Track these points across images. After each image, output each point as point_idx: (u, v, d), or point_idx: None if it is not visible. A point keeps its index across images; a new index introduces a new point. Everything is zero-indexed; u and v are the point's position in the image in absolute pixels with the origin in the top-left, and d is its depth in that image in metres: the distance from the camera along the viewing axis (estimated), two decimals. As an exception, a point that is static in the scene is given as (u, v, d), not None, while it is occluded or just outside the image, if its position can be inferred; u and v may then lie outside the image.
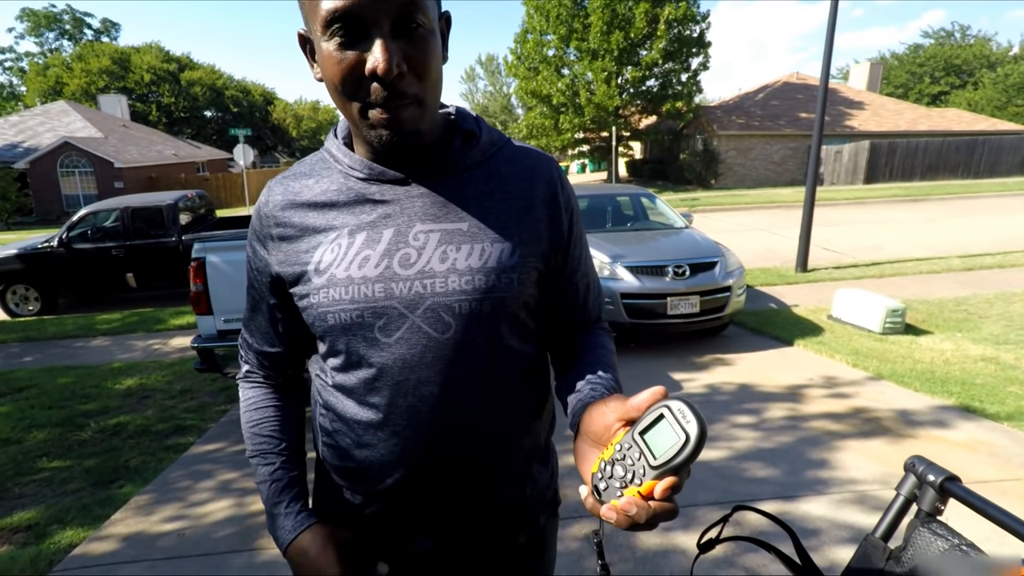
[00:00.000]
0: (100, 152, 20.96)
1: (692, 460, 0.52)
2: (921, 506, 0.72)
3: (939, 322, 5.37)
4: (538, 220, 0.78)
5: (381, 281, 0.72)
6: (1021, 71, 35.14)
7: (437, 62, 0.68)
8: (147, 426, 3.80)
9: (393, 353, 0.73)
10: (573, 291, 0.86)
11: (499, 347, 0.76)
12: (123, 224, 7.16)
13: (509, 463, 0.82)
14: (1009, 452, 2.97)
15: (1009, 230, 10.45)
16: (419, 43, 0.65)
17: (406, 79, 0.65)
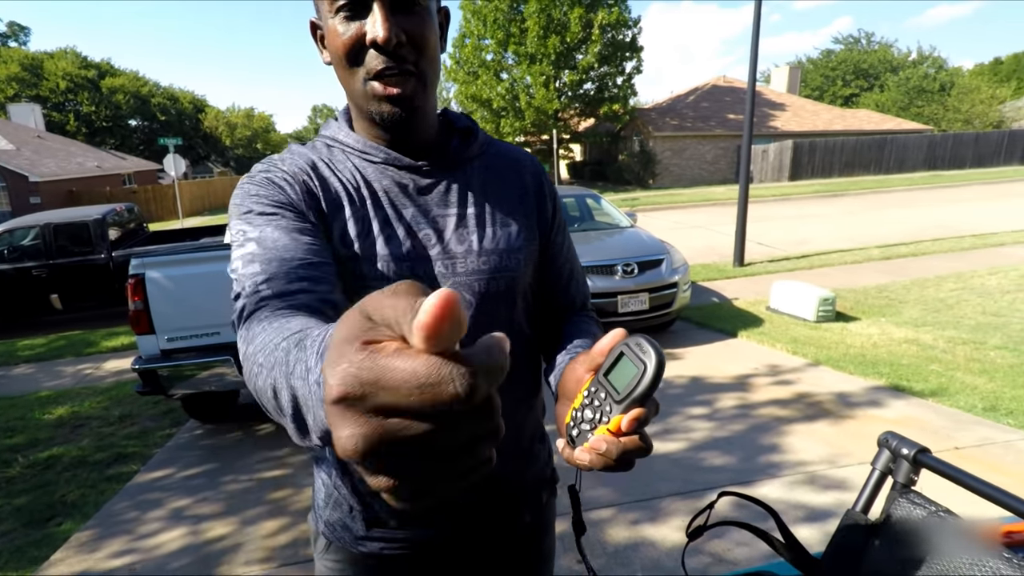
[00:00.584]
0: (12, 166, 19.37)
1: (653, 388, 0.54)
2: (897, 478, 0.79)
3: (865, 308, 5.76)
4: (530, 207, 0.86)
5: (408, 260, 0.75)
6: (920, 75, 38.21)
7: (435, 40, 0.71)
8: (83, 457, 3.56)
9: None
10: (556, 274, 0.91)
11: (510, 325, 0.81)
12: (44, 242, 6.64)
13: (516, 440, 0.86)
14: (936, 425, 3.23)
15: (918, 221, 11.34)
16: (417, 17, 0.68)
17: (405, 49, 0.68)
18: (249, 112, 49.22)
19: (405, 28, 0.67)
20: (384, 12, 0.65)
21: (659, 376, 0.54)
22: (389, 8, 0.66)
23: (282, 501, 2.88)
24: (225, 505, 2.88)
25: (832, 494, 2.62)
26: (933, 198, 15.53)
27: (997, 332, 4.79)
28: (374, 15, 0.66)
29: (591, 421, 0.58)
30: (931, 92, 36.05)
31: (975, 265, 7.32)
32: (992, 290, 6.17)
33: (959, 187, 18.18)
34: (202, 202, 26.61)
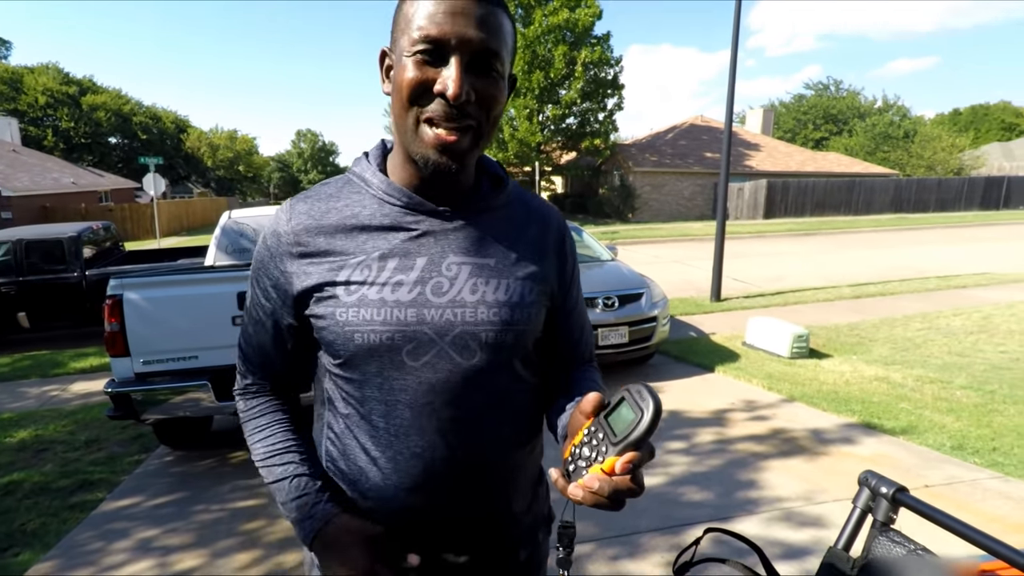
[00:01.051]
0: (-18, 178, 18.94)
1: (648, 434, 0.57)
2: (876, 516, 0.83)
3: (837, 346, 5.91)
4: (549, 264, 0.87)
5: (414, 306, 0.76)
6: (885, 122, 39.99)
7: (502, 104, 0.73)
8: (46, 483, 3.42)
9: (419, 377, 0.76)
10: (569, 329, 0.93)
11: (514, 375, 0.83)
12: (15, 258, 6.47)
13: (515, 482, 0.88)
14: (907, 463, 3.31)
15: (886, 262, 11.74)
16: (490, 80, 0.71)
17: (471, 107, 0.70)
18: (232, 134, 48.99)
19: (476, 87, 0.69)
20: (460, 69, 0.68)
21: (655, 423, 0.57)
22: (466, 66, 0.68)
23: (255, 532, 2.81)
24: (195, 536, 2.80)
25: (809, 531, 2.65)
26: (899, 239, 16.12)
27: (962, 372, 4.95)
28: (450, 68, 0.68)
29: (587, 459, 0.61)
30: (896, 138, 37.70)
31: (940, 306, 7.59)
32: (957, 330, 6.39)
33: (923, 229, 18.91)
34: (180, 222, 26.23)
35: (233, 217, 4.81)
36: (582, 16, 20.94)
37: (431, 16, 0.67)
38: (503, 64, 0.71)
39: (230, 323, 3.26)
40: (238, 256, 4.67)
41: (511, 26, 0.73)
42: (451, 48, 0.68)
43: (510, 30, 0.73)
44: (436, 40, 0.68)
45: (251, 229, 4.77)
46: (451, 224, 0.80)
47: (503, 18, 0.71)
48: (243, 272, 3.41)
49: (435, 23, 0.67)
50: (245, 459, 3.68)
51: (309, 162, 68.40)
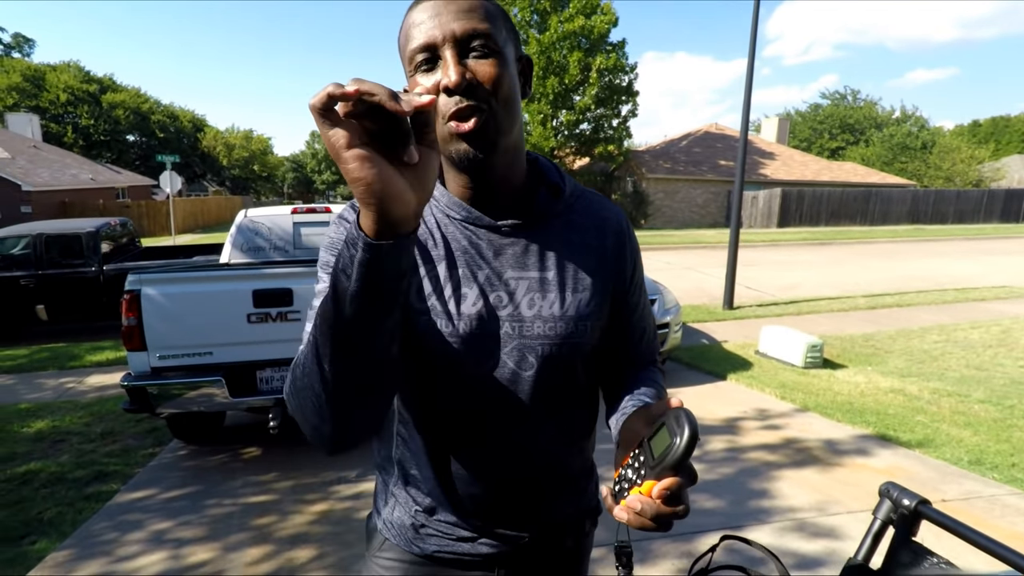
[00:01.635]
0: (5, 173, 19.25)
1: (683, 459, 0.57)
2: (898, 528, 0.82)
3: (852, 356, 5.85)
4: (609, 270, 0.86)
5: (478, 319, 0.79)
6: (903, 132, 39.61)
7: (509, 82, 0.73)
8: (62, 473, 3.47)
9: (478, 384, 0.80)
10: (631, 333, 0.92)
11: (569, 383, 0.85)
12: (35, 252, 6.59)
13: (565, 476, 0.91)
14: (923, 477, 3.26)
15: (902, 272, 11.60)
16: (488, 61, 0.71)
17: (477, 90, 0.70)
18: (248, 134, 49.58)
19: (476, 69, 0.71)
20: (455, 58, 0.69)
21: (690, 449, 0.58)
22: (459, 54, 0.70)
23: (267, 528, 2.83)
24: (208, 530, 2.82)
25: (822, 542, 2.62)
26: (916, 250, 15.93)
27: (980, 386, 4.88)
28: (446, 63, 0.70)
29: (631, 481, 0.63)
30: (914, 149, 37.30)
31: (958, 318, 7.48)
32: (975, 344, 6.29)
33: (941, 241, 18.67)
34: (195, 219, 26.55)
35: (249, 216, 4.87)
36: (598, 23, 20.95)
37: (418, 28, 0.71)
38: (496, 42, 0.72)
39: (244, 320, 3.29)
40: (253, 254, 4.72)
41: (496, 7, 0.75)
42: (441, 45, 0.70)
43: (496, 11, 0.74)
44: (428, 46, 0.71)
45: (266, 228, 4.82)
46: (509, 239, 0.82)
47: (482, 4, 0.73)
48: (258, 270, 3.44)
49: (423, 32, 0.71)
50: (257, 455, 3.71)
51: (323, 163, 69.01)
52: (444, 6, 0.71)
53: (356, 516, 2.93)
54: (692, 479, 0.61)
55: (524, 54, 0.80)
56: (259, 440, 3.92)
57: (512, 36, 0.77)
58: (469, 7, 0.71)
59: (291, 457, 3.64)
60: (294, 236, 4.84)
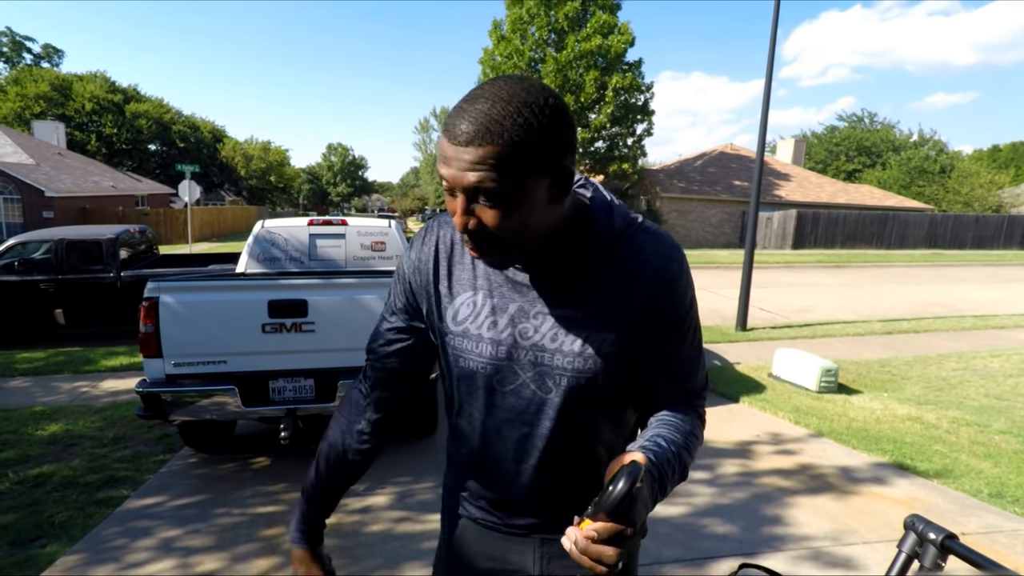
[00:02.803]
0: (30, 179, 19.71)
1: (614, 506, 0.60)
2: (923, 563, 0.80)
3: (867, 382, 5.75)
4: (638, 315, 0.85)
5: (505, 345, 0.89)
6: (921, 156, 39.34)
7: (514, 220, 0.75)
8: (74, 477, 3.49)
9: (504, 400, 0.91)
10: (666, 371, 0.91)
11: (588, 411, 0.90)
12: (56, 257, 6.72)
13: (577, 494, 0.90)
14: (942, 509, 3.19)
15: (920, 298, 11.44)
16: (490, 209, 0.74)
17: (481, 232, 0.77)
18: (266, 145, 50.40)
19: (481, 215, 0.75)
20: (462, 205, 0.75)
21: (620, 500, 0.60)
22: (468, 199, 0.74)
23: (275, 539, 2.82)
24: (216, 539, 2.82)
25: (837, 572, 2.56)
26: (934, 275, 15.72)
27: (1001, 416, 4.77)
28: (456, 204, 0.75)
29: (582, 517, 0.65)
30: (932, 173, 36.99)
31: (976, 346, 7.35)
32: (995, 372, 6.17)
33: (959, 267, 18.42)
34: (211, 228, 26.93)
35: (266, 227, 4.93)
36: (615, 43, 21.16)
37: (440, 158, 0.76)
38: (505, 188, 0.72)
39: (259, 331, 3.31)
40: (269, 265, 4.77)
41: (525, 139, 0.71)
42: (454, 188, 0.75)
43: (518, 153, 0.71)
44: (443, 179, 0.76)
45: (283, 239, 4.87)
46: (541, 279, 0.88)
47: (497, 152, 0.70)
48: (274, 281, 3.47)
49: (441, 164, 0.75)
50: (267, 465, 3.72)
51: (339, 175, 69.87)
52: (455, 155, 0.72)
53: (365, 530, 2.91)
54: (633, 530, 0.63)
55: (564, 166, 0.76)
56: (269, 450, 3.92)
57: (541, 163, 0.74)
58: (480, 159, 0.70)
59: (301, 468, 3.64)
60: (309, 248, 4.89)
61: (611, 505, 0.61)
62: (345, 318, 3.37)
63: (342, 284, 3.44)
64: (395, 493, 3.30)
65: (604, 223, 0.86)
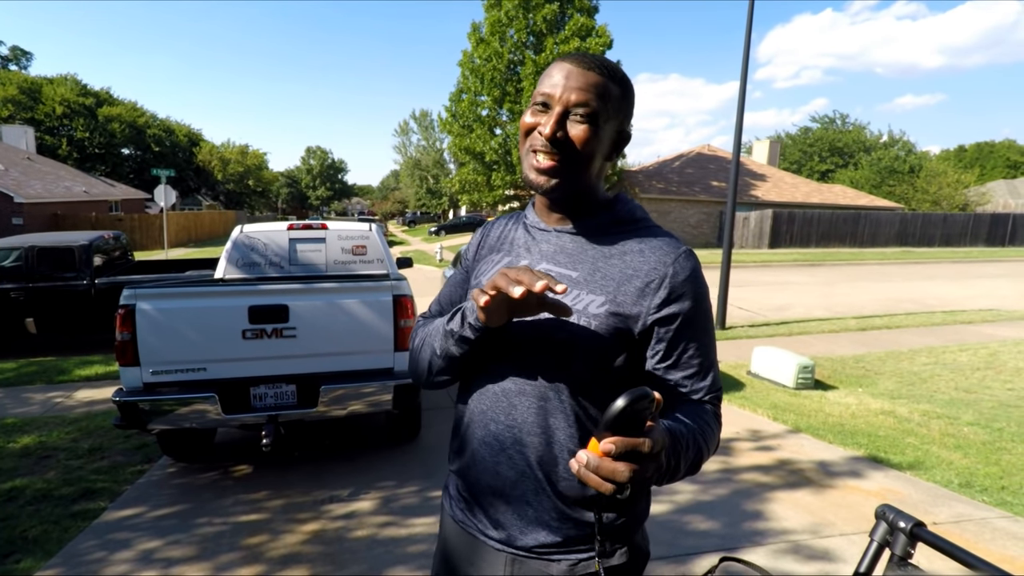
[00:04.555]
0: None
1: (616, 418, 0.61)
2: (894, 551, 0.84)
3: (842, 378, 5.89)
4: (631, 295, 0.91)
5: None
6: (891, 156, 40.34)
7: (592, 144, 0.91)
8: (49, 490, 3.41)
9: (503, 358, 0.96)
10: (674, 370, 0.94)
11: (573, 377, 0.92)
12: (26, 264, 6.55)
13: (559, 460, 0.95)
14: (915, 499, 3.28)
15: (892, 295, 11.73)
16: (580, 127, 0.90)
17: (560, 142, 0.90)
18: (243, 149, 49.63)
19: (570, 129, 0.90)
20: (557, 117, 0.89)
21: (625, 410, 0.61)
22: (562, 114, 0.89)
23: (258, 547, 2.79)
24: (198, 549, 2.78)
25: (817, 564, 2.62)
26: (905, 273, 16.13)
27: (969, 408, 4.92)
28: (551, 116, 0.89)
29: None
30: (901, 173, 37.91)
31: (946, 341, 7.57)
32: (963, 366, 6.36)
33: (929, 264, 18.92)
34: (188, 233, 26.46)
35: (245, 231, 4.87)
36: (593, 45, 21.29)
37: (549, 79, 0.92)
38: (597, 115, 0.90)
39: (239, 337, 3.28)
40: (248, 270, 4.71)
41: (619, 89, 0.92)
42: (554, 102, 0.90)
43: (615, 91, 0.91)
44: (548, 96, 0.91)
45: (262, 244, 4.82)
46: (554, 238, 1.00)
47: (605, 84, 0.90)
48: (254, 286, 3.44)
49: (549, 86, 0.91)
50: (248, 472, 3.67)
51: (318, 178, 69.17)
52: (575, 75, 0.90)
53: (349, 536, 2.90)
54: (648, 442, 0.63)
55: (627, 131, 0.98)
56: (250, 458, 3.88)
57: (620, 112, 0.94)
58: (591, 83, 0.89)
59: (283, 475, 3.60)
60: (290, 252, 4.84)
61: (610, 418, 0.60)
62: (327, 323, 3.35)
63: (323, 289, 3.42)
64: (379, 498, 3.29)
65: (628, 206, 1.02)
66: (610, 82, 0.91)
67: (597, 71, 0.90)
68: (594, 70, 0.90)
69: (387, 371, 3.49)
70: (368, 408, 3.46)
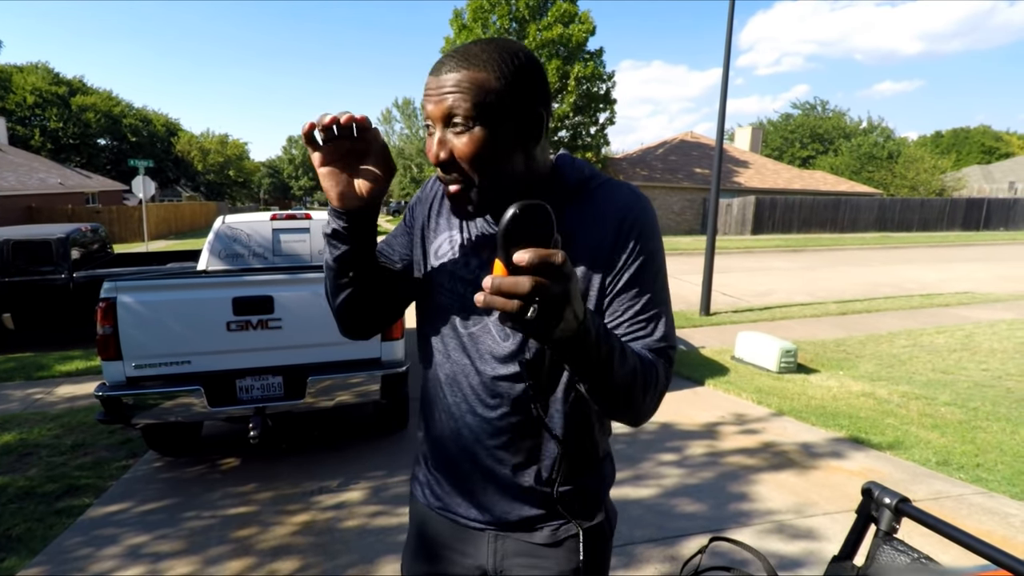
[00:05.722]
0: (-35, 177, 18.65)
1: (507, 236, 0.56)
2: (880, 526, 0.86)
3: (824, 361, 5.99)
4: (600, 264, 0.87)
5: (471, 286, 0.92)
6: (870, 143, 40.81)
7: (484, 151, 0.80)
8: (31, 487, 3.37)
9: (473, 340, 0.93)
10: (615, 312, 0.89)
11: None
12: (1, 258, 6.38)
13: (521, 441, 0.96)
14: (895, 478, 3.36)
15: (871, 279, 11.93)
16: (461, 136, 0.80)
17: (451, 163, 0.81)
18: (223, 138, 48.78)
19: (453, 145, 0.80)
20: (437, 139, 0.81)
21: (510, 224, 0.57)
22: (441, 131, 0.81)
23: (248, 540, 2.78)
24: (186, 543, 2.77)
25: (801, 543, 2.68)
26: (884, 257, 16.40)
27: (946, 389, 5.05)
28: (432, 138, 0.82)
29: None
30: (880, 159, 38.42)
31: (924, 323, 7.73)
32: (940, 348, 6.51)
33: (907, 248, 19.26)
34: (168, 225, 26.00)
35: (227, 222, 4.80)
36: (576, 32, 21.21)
37: (424, 98, 0.83)
38: (477, 116, 0.78)
39: (224, 329, 3.24)
40: (231, 261, 4.65)
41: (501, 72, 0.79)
42: (432, 121, 0.82)
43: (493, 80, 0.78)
44: (426, 117, 0.83)
45: (245, 235, 4.76)
46: None
47: (475, 77, 0.78)
48: (238, 278, 3.40)
49: (423, 101, 0.83)
50: (236, 465, 3.65)
51: (300, 168, 68.26)
52: (434, 84, 0.80)
53: (339, 526, 2.90)
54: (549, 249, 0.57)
55: (538, 111, 0.83)
56: (238, 450, 3.86)
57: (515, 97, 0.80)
58: (455, 83, 0.78)
59: (271, 467, 3.59)
60: (273, 243, 4.79)
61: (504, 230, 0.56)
62: (312, 313, 3.33)
63: (309, 279, 3.38)
64: (369, 488, 3.30)
65: (570, 171, 0.92)
66: (483, 71, 0.78)
67: (461, 67, 0.78)
68: (457, 68, 0.78)
69: (375, 361, 3.48)
70: (356, 399, 3.45)
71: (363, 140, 0.82)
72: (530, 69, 0.81)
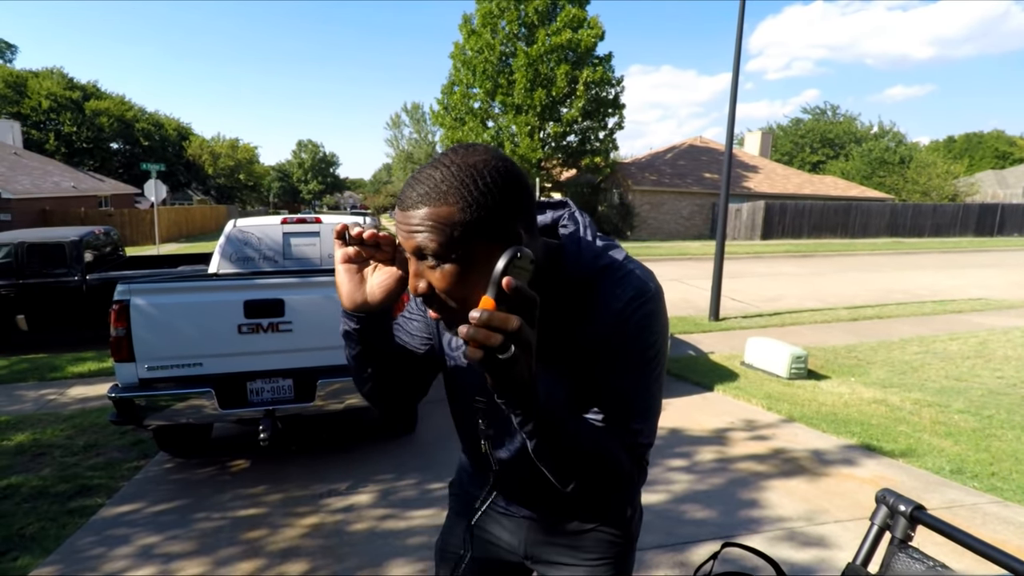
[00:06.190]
0: (-17, 181, 18.91)
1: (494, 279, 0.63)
2: (895, 534, 0.85)
3: (835, 368, 5.95)
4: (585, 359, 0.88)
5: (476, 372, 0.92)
6: (881, 147, 40.49)
7: (459, 281, 0.77)
8: (44, 487, 3.40)
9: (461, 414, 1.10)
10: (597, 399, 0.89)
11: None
12: (16, 260, 6.48)
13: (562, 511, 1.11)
14: (908, 486, 3.33)
15: (882, 285, 11.83)
16: (434, 270, 0.77)
17: (431, 296, 0.80)
18: (234, 143, 49.22)
19: (430, 278, 0.78)
20: (414, 269, 0.80)
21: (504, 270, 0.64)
22: (416, 264, 0.79)
23: (258, 542, 2.80)
24: (197, 544, 2.78)
25: (812, 551, 2.66)
26: (895, 263, 16.26)
27: (960, 396, 4.99)
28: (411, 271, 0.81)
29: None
30: (892, 164, 38.12)
31: (936, 330, 7.65)
32: (953, 355, 6.43)
33: (919, 254, 19.08)
34: (179, 228, 26.26)
35: (238, 226, 4.84)
36: (584, 36, 21.25)
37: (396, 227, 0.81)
38: (449, 248, 0.74)
39: (235, 331, 3.27)
40: (242, 264, 4.69)
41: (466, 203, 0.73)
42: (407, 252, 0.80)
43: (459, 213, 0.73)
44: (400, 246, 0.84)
45: (256, 238, 4.80)
46: None
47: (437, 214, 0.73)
48: (249, 280, 3.42)
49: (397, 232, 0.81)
50: (245, 467, 3.67)
51: (309, 172, 68.72)
52: (404, 219, 0.76)
53: (348, 529, 2.91)
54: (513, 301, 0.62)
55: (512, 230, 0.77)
56: (248, 452, 3.88)
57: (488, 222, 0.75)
58: (420, 221, 0.74)
59: (281, 469, 3.61)
60: (284, 246, 4.82)
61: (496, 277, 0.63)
62: (323, 317, 3.35)
63: (319, 283, 3.41)
64: (378, 491, 3.30)
65: (573, 264, 0.88)
66: (447, 205, 0.73)
67: (426, 203, 0.73)
68: (422, 203, 0.73)
69: (384, 365, 3.49)
70: (365, 402, 3.46)
71: (383, 251, 0.86)
72: (499, 189, 0.75)
